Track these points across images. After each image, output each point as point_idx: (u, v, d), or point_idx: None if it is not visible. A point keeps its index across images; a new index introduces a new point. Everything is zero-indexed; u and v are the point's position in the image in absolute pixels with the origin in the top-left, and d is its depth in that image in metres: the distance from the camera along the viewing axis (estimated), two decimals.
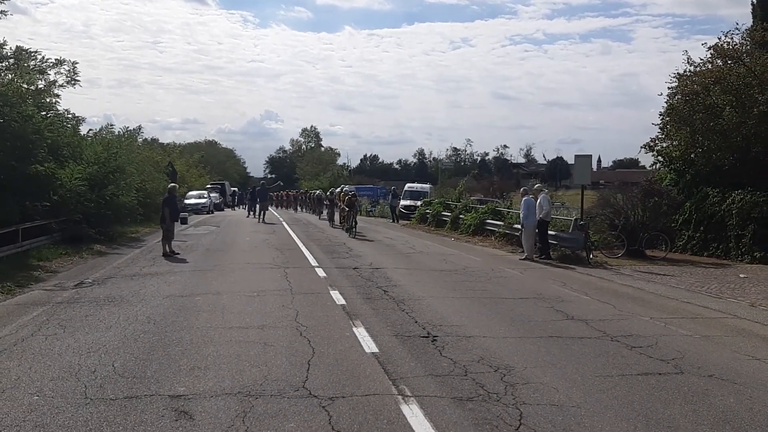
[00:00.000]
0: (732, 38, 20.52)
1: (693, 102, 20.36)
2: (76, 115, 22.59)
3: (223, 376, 6.51)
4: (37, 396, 5.94)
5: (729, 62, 20.27)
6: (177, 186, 19.40)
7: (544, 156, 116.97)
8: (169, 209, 17.49)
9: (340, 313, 9.66)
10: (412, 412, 5.50)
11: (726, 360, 7.42)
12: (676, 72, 21.36)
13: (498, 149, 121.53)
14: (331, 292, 11.34)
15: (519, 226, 18.50)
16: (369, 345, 7.74)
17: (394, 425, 5.24)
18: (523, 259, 16.95)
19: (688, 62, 21.10)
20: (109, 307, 10.07)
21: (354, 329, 8.56)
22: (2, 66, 19.03)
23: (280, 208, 57.17)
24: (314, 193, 45.45)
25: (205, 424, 5.27)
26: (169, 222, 17.40)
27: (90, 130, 28.09)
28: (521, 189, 20.61)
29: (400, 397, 5.91)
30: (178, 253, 17.12)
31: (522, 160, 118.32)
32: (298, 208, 50.87)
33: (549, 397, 5.97)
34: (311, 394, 5.98)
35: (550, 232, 17.60)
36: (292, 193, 59.30)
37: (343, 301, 10.51)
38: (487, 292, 11.70)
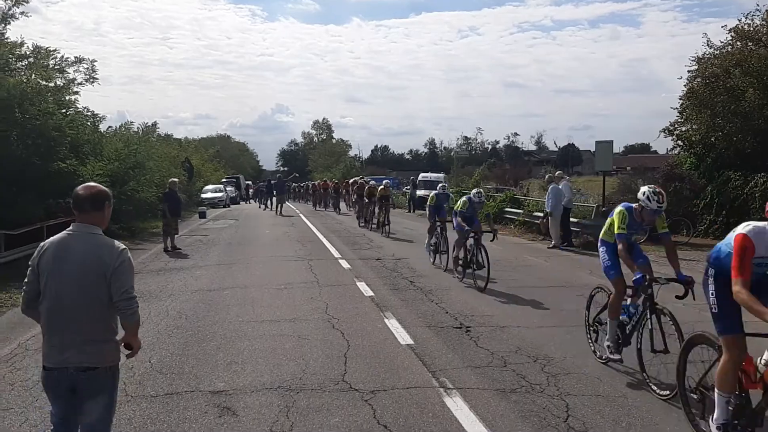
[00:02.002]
0: (753, 20, 20.18)
1: (713, 85, 20.04)
2: (96, 112, 22.60)
3: (262, 371, 6.50)
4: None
5: (749, 44, 19.95)
6: (177, 180, 19.23)
7: (555, 143, 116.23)
8: (168, 204, 17.31)
9: (370, 305, 9.63)
10: (457, 405, 5.45)
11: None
12: (695, 55, 21.06)
13: (509, 137, 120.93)
14: (358, 284, 11.31)
15: (539, 214, 18.34)
16: (403, 337, 7.70)
17: (439, 419, 5.20)
18: (551, 247, 16.82)
19: (708, 45, 20.80)
20: (139, 302, 10.05)
21: (386, 321, 8.53)
22: (22, 65, 19.09)
23: (301, 201, 50.79)
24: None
25: (249, 419, 5.25)
26: (169, 217, 17.25)
27: (109, 127, 28.23)
28: (546, 176, 20.44)
29: (442, 389, 5.87)
30: (180, 249, 17.05)
31: (533, 148, 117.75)
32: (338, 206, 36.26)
33: (593, 387, 5.90)
34: (352, 387, 5.95)
35: (571, 220, 17.46)
36: (330, 184, 40.75)
37: (371, 293, 10.48)
38: (514, 281, 11.62)
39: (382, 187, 22.31)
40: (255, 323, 8.53)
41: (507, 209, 23.28)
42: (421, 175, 42.75)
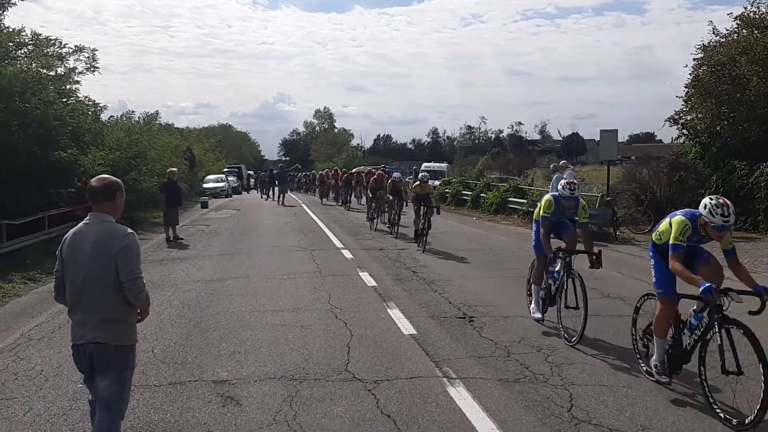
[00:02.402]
0: (759, 7, 20.01)
1: (719, 73, 19.89)
2: (97, 102, 22.52)
3: (265, 361, 6.49)
4: (81, 384, 5.89)
5: (755, 32, 19.79)
6: (177, 170, 19.14)
7: (559, 132, 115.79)
8: (166, 195, 17.24)
9: (373, 295, 9.61)
10: (460, 395, 5.44)
11: None
12: (701, 43, 20.91)
13: (512, 126, 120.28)
14: (360, 274, 11.29)
15: None
16: (406, 327, 7.68)
17: (443, 408, 5.18)
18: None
19: (714, 33, 20.64)
20: None
21: (389, 311, 8.51)
22: (21, 53, 19.01)
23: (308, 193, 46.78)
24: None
25: (253, 409, 5.24)
26: (167, 208, 17.20)
27: (111, 117, 28.14)
28: (551, 166, 20.36)
29: (445, 379, 5.86)
30: (182, 239, 17.00)
31: (537, 137, 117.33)
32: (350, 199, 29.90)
33: (597, 377, 5.88)
34: (355, 377, 5.94)
35: None
36: (339, 174, 34.53)
37: (373, 283, 10.46)
38: (517, 270, 11.52)
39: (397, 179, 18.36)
40: (258, 313, 8.52)
41: (511, 199, 23.23)
42: (424, 164, 42.72)
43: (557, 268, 7.50)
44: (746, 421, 4.72)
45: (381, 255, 13.71)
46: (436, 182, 34.27)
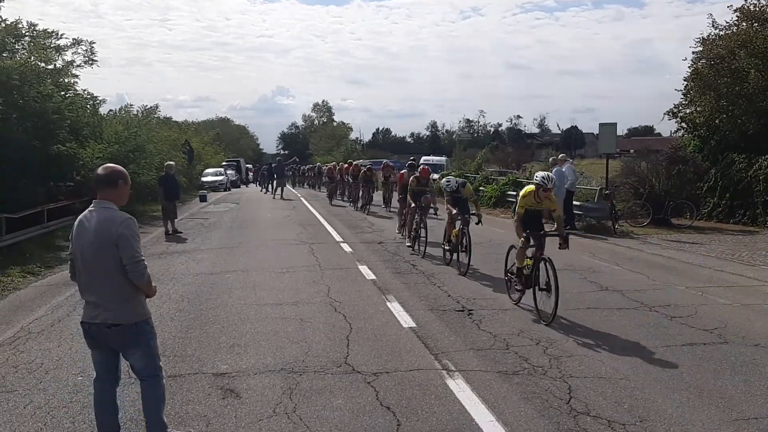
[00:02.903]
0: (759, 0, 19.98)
1: (718, 66, 19.91)
2: (95, 95, 22.44)
3: (264, 353, 6.50)
4: (81, 376, 5.95)
5: (755, 25, 19.77)
6: (173, 164, 19.11)
7: (558, 125, 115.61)
8: (164, 188, 17.22)
9: (372, 288, 9.62)
10: (459, 387, 5.46)
11: None
12: (700, 36, 20.91)
13: (511, 120, 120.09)
14: (360, 267, 11.30)
15: None
16: (405, 320, 7.70)
17: (442, 400, 5.20)
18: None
19: (713, 26, 20.64)
20: None
21: (388, 304, 8.52)
22: (19, 45, 18.94)
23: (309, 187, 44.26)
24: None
25: (252, 401, 5.26)
26: (165, 201, 17.19)
27: (110, 111, 28.07)
28: (550, 159, 20.35)
29: (444, 372, 5.87)
30: (180, 232, 16.98)
31: (536, 130, 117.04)
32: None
33: (595, 369, 5.90)
34: (354, 369, 5.96)
35: (574, 203, 17.42)
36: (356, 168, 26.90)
37: (373, 276, 10.47)
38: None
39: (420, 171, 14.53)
40: (257, 306, 8.53)
41: (510, 192, 23.23)
42: (423, 158, 42.66)
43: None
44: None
45: (380, 248, 13.72)
46: (435, 175, 34.21)
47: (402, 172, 17.32)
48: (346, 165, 29.62)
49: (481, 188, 25.72)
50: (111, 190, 4.24)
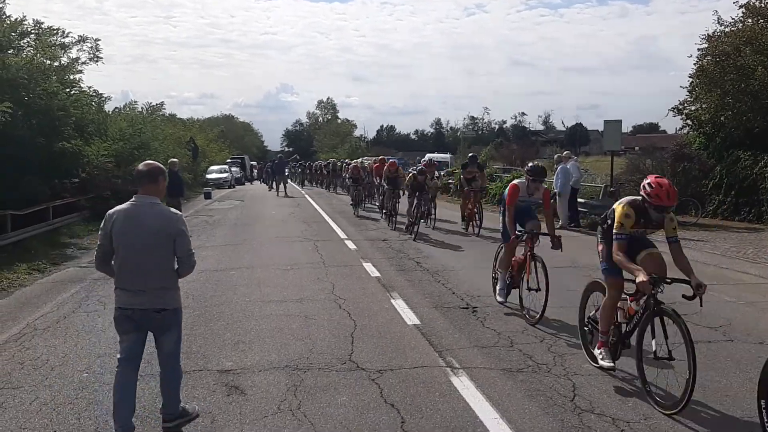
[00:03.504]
0: None
1: (723, 63, 19.79)
2: (99, 92, 22.47)
3: (269, 350, 6.52)
4: (87, 373, 5.98)
5: (761, 21, 19.66)
6: (177, 161, 19.11)
7: (563, 123, 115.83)
8: (168, 186, 17.16)
9: (376, 285, 9.63)
10: (463, 384, 5.46)
11: None
12: (705, 33, 20.81)
13: (516, 117, 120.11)
14: (364, 264, 11.31)
15: None
16: (410, 317, 7.71)
17: (446, 397, 5.21)
18: (559, 227, 16.75)
19: (718, 22, 20.52)
20: None
21: (392, 301, 8.53)
22: (24, 43, 18.97)
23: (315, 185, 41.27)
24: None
25: (257, 398, 5.27)
26: (169, 199, 17.18)
27: (116, 108, 28.12)
28: (555, 156, 20.32)
29: (448, 369, 5.88)
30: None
31: (540, 128, 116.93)
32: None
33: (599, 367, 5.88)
34: (359, 367, 5.97)
35: (579, 200, 17.39)
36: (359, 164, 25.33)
37: (377, 273, 10.48)
38: None
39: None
40: (262, 303, 8.54)
41: None
42: (427, 155, 42.59)
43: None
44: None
45: (384, 246, 13.72)
46: (441, 173, 34.19)
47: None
48: (377, 164, 22.85)
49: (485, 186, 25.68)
50: (152, 186, 4.62)
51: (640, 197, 5.25)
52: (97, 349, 6.69)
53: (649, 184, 5.15)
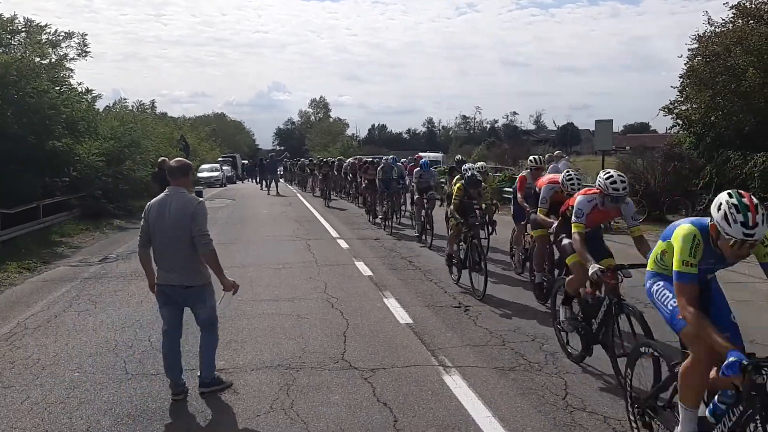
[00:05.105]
0: None
1: (714, 64, 19.89)
2: (90, 89, 22.35)
3: (261, 349, 6.52)
4: (78, 372, 5.96)
5: (751, 22, 19.78)
6: (167, 160, 19.07)
7: (554, 122, 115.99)
8: (159, 185, 17.20)
9: (369, 284, 9.63)
10: (456, 383, 5.48)
11: (766, 325, 7.35)
12: (696, 33, 20.91)
13: (507, 116, 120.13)
14: (356, 263, 11.31)
15: None
16: (402, 316, 7.72)
17: (439, 396, 5.22)
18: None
19: (709, 23, 20.62)
20: (137, 281, 10.06)
21: (385, 300, 8.54)
22: (15, 41, 18.86)
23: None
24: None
25: (249, 397, 5.28)
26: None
27: (106, 106, 28.01)
28: (546, 156, 20.41)
29: (441, 368, 5.90)
30: None
31: (532, 127, 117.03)
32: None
33: (591, 365, 5.91)
34: (351, 366, 5.97)
35: None
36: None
37: (369, 272, 10.48)
38: (510, 263, 11.61)
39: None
40: (254, 302, 8.53)
41: (506, 189, 23.23)
42: (419, 154, 42.59)
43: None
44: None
45: (377, 245, 13.73)
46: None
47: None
48: (411, 164, 20.66)
49: None
50: (183, 179, 5.36)
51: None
52: (88, 348, 6.67)
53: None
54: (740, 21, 19.91)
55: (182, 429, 4.72)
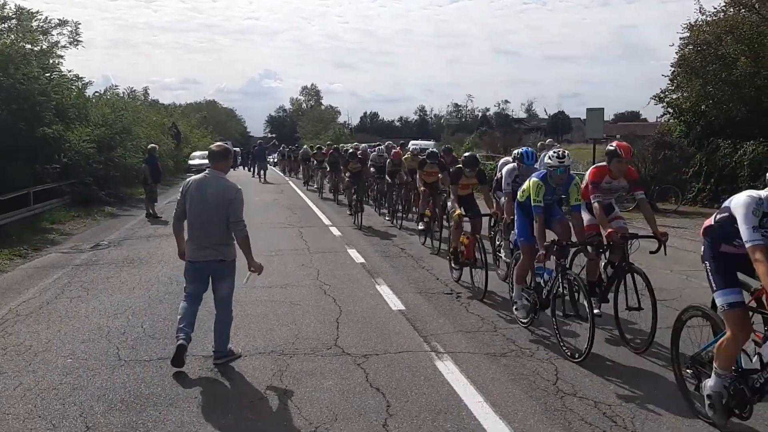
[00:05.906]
0: None
1: (705, 53, 19.96)
2: (80, 76, 22.16)
3: (254, 336, 6.54)
4: (71, 359, 5.96)
5: (743, 11, 19.83)
6: (157, 147, 18.97)
7: (545, 111, 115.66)
8: (150, 170, 17.20)
9: (361, 271, 9.67)
10: (448, 369, 5.52)
11: None
12: (687, 22, 20.95)
13: (499, 104, 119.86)
14: (349, 251, 11.34)
15: None
16: (394, 302, 7.76)
17: (431, 381, 5.27)
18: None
19: (700, 11, 20.65)
20: (129, 268, 10.08)
21: (377, 287, 8.58)
22: (4, 27, 18.68)
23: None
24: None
25: (243, 383, 5.30)
26: (151, 183, 17.15)
27: (96, 92, 27.75)
28: (538, 144, 20.46)
29: (433, 353, 5.94)
30: (160, 216, 16.85)
31: (523, 115, 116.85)
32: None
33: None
34: (344, 352, 6.01)
35: None
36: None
37: (362, 260, 10.51)
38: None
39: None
40: (246, 289, 8.47)
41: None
42: (411, 142, 42.56)
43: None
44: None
45: (369, 232, 13.75)
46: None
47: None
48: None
49: None
50: (223, 163, 5.79)
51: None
52: (81, 334, 6.67)
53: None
54: (732, 10, 19.96)
55: (175, 415, 4.74)
